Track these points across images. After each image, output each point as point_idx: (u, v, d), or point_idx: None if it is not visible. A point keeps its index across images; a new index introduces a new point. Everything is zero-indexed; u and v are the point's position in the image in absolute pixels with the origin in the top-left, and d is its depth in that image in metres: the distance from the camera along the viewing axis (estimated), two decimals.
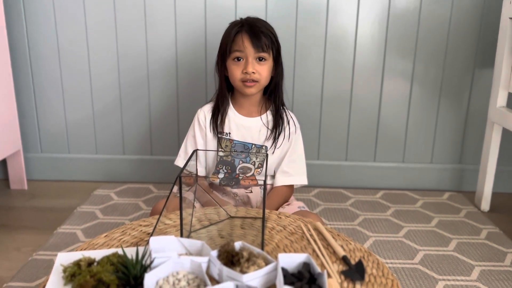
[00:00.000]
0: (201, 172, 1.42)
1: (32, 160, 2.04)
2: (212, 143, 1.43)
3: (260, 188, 1.42)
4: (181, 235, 0.90)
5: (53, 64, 1.94)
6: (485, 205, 1.83)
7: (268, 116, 1.43)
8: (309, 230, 1.02)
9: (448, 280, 1.31)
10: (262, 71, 1.33)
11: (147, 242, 0.90)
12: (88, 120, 2.01)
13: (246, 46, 1.31)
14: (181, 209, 0.88)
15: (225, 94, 1.42)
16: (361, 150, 2.03)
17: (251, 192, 1.41)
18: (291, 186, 1.47)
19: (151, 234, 0.92)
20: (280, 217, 1.09)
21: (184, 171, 0.90)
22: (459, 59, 1.93)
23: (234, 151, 1.41)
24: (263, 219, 0.89)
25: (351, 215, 1.74)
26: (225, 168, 1.41)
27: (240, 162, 1.40)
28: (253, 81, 1.33)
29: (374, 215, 1.75)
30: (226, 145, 1.42)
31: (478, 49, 1.91)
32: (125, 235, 0.97)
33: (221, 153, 1.43)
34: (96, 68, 1.95)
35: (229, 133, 1.41)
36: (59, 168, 2.06)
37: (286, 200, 1.45)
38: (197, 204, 1.26)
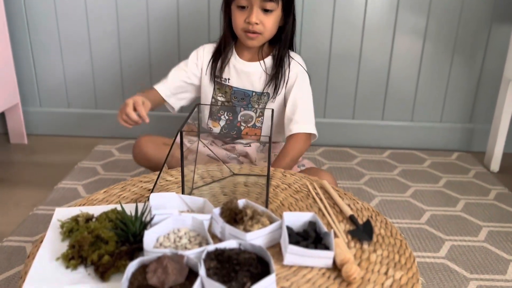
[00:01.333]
0: (163, 91, 1.35)
1: (31, 114, 2.00)
2: (208, 89, 1.35)
3: (260, 143, 1.37)
4: (183, 192, 0.87)
5: (50, 15, 1.86)
6: (495, 165, 1.79)
7: (269, 61, 1.33)
8: (315, 188, 0.98)
9: (455, 240, 1.29)
10: (266, 23, 1.22)
11: (147, 199, 0.87)
12: (87, 73, 1.95)
13: None
14: (182, 165, 0.84)
15: (228, 40, 1.32)
16: (369, 108, 1.97)
17: (250, 146, 1.33)
18: (308, 137, 1.28)
19: (152, 191, 0.89)
20: (285, 175, 1.05)
21: (186, 124, 0.86)
22: (475, 14, 1.82)
23: (235, 98, 1.33)
24: (268, 176, 0.85)
25: (357, 174, 1.71)
26: (227, 115, 1.34)
27: (242, 109, 1.33)
28: (256, 32, 1.23)
29: (380, 174, 1.72)
30: (226, 92, 1.34)
31: (496, 3, 1.81)
32: (124, 191, 0.94)
33: (221, 98, 1.35)
34: (94, 18, 1.87)
35: (228, 79, 1.33)
36: (59, 123, 2.02)
37: (302, 153, 1.27)
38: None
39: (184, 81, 1.36)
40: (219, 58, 1.33)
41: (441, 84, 1.93)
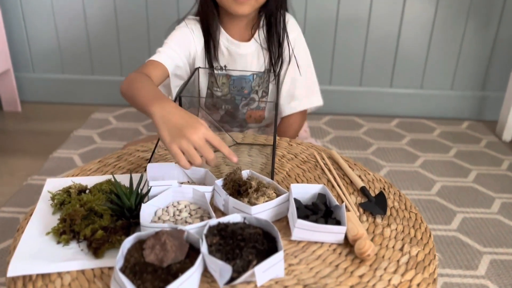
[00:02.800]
0: (170, 66, 1.03)
1: (24, 80, 1.92)
2: (203, 81, 1.12)
3: (266, 126, 1.25)
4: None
5: None
6: (507, 135, 1.73)
7: (262, 34, 1.11)
8: (323, 158, 0.92)
9: (467, 212, 1.24)
10: None
11: (144, 169, 0.81)
12: (82, 38, 1.86)
13: None
14: None
15: (212, 12, 1.06)
16: (377, 75, 1.89)
17: (249, 129, 1.22)
18: (303, 113, 1.20)
19: (149, 160, 0.83)
20: (291, 144, 0.99)
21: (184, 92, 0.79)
22: None
23: (233, 88, 1.13)
24: (274, 145, 0.79)
25: (364, 144, 1.65)
26: (225, 108, 1.16)
27: (243, 99, 1.15)
28: None
29: (388, 144, 1.66)
30: (223, 83, 1.12)
31: None
32: (120, 161, 0.88)
33: (218, 92, 1.14)
34: None
35: (225, 66, 1.11)
36: (54, 90, 1.94)
37: (298, 132, 1.21)
38: None
39: (185, 59, 1.08)
40: (209, 40, 1.08)
41: (453, 50, 1.84)
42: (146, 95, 0.77)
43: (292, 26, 1.14)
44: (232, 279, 0.55)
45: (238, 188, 0.72)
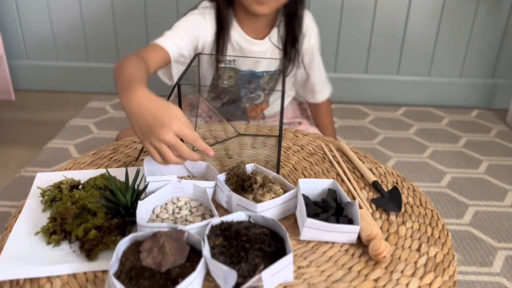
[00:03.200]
0: (173, 51, 0.97)
1: (18, 68, 1.86)
2: (206, 74, 1.08)
3: (264, 118, 1.19)
4: None
5: None
6: None
7: (277, 33, 1.07)
8: (331, 150, 0.87)
9: (479, 205, 1.19)
10: None
11: (142, 163, 0.76)
12: (77, 24, 1.79)
13: None
14: None
15: (225, 6, 1.03)
16: (384, 62, 1.83)
17: (264, 119, 1.17)
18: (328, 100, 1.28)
19: (144, 152, 0.78)
20: (297, 135, 0.94)
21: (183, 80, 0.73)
22: None
23: (241, 82, 1.08)
24: (280, 137, 0.73)
25: (370, 134, 1.60)
26: (228, 97, 1.12)
27: (248, 93, 1.11)
28: None
29: (395, 133, 1.60)
30: (230, 76, 1.08)
31: None
32: (116, 153, 0.83)
33: (224, 84, 1.10)
34: None
35: (234, 61, 1.06)
36: (48, 77, 1.88)
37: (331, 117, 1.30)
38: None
39: (191, 48, 1.02)
40: (220, 34, 1.04)
41: (463, 36, 1.78)
42: (121, 83, 0.71)
43: (311, 29, 1.11)
44: (237, 284, 0.50)
45: (242, 184, 0.67)
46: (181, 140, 0.64)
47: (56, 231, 0.59)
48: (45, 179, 0.72)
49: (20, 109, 1.72)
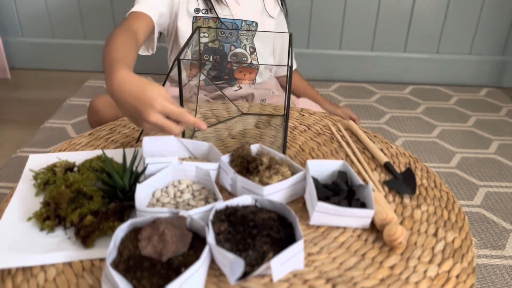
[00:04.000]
0: (155, 16, 0.93)
1: (13, 45, 1.80)
2: (184, 27, 1.03)
3: (253, 84, 1.13)
4: (183, 135, 0.71)
5: None
6: None
7: None
8: (339, 130, 0.83)
9: (491, 186, 1.16)
10: None
11: (138, 140, 0.72)
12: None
13: None
14: (181, 100, 0.68)
15: None
16: (390, 38, 1.77)
17: (241, 88, 1.11)
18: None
19: (145, 133, 0.73)
20: (303, 114, 0.89)
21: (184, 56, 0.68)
22: None
23: (221, 34, 1.03)
24: (286, 115, 0.69)
25: (377, 113, 1.55)
26: (213, 58, 1.07)
27: (232, 47, 1.06)
28: None
29: (402, 112, 1.56)
30: (209, 27, 1.04)
31: None
32: (114, 134, 0.79)
33: (205, 39, 1.04)
34: None
35: (210, 9, 1.02)
36: (44, 55, 1.83)
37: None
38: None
39: (167, 5, 0.98)
40: None
41: (473, 12, 1.72)
42: (105, 68, 0.69)
43: None
44: (244, 273, 0.47)
45: (247, 165, 0.63)
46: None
47: (49, 217, 0.55)
48: (38, 161, 0.68)
49: (16, 87, 1.68)
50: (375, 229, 0.58)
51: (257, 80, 1.14)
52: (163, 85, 0.69)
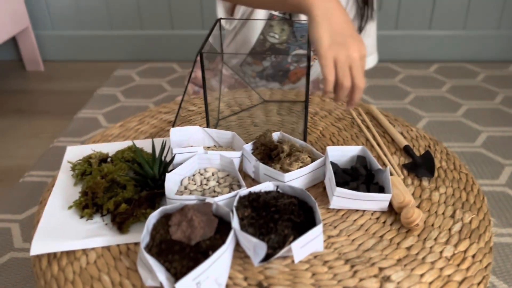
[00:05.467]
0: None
1: (44, 39, 1.87)
2: (255, 25, 0.97)
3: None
4: (208, 125, 0.75)
5: None
6: None
7: None
8: (360, 114, 0.84)
9: None
10: None
11: (168, 133, 0.75)
12: None
13: None
14: (205, 91, 0.71)
15: None
16: (415, 16, 1.73)
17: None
18: None
19: (173, 124, 0.77)
20: (324, 100, 0.91)
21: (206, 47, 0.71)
22: None
23: (294, 38, 0.99)
24: (306, 102, 0.71)
25: (401, 93, 1.54)
26: (274, 57, 1.03)
27: (297, 48, 1.02)
28: None
29: (427, 92, 1.54)
30: (283, 29, 0.98)
31: None
32: (142, 124, 0.83)
33: (273, 39, 1.00)
34: None
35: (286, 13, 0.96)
36: (74, 47, 1.89)
37: None
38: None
39: None
40: None
41: None
42: None
43: None
44: (267, 255, 0.50)
45: (269, 153, 0.66)
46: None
47: (88, 205, 0.60)
48: (74, 152, 0.73)
49: (49, 79, 1.74)
50: (393, 212, 0.60)
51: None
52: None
